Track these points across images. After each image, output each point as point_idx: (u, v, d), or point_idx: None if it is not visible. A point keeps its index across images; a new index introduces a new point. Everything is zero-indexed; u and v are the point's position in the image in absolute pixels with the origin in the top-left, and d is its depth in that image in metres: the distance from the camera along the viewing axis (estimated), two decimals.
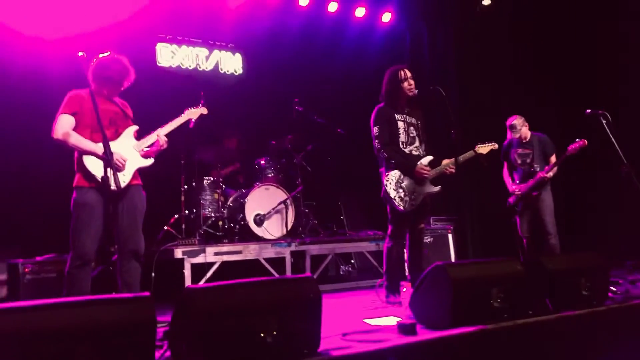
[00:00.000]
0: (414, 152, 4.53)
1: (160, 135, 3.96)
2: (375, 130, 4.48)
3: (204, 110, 4.43)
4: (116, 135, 3.82)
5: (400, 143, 4.48)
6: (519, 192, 5.69)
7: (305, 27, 7.93)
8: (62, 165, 4.13)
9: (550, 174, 5.57)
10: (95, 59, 3.85)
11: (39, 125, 5.57)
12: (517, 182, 5.79)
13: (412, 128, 4.57)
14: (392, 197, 4.36)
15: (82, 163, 3.64)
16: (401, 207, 4.35)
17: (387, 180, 4.41)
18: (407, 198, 4.37)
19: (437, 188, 4.47)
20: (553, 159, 5.68)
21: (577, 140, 5.42)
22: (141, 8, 6.59)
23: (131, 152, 3.83)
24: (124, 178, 3.70)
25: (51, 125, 3.71)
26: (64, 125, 3.65)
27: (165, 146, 3.98)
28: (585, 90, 6.99)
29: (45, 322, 2.08)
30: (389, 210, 4.49)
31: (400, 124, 4.50)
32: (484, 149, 4.62)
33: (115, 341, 2.18)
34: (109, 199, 3.42)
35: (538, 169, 5.61)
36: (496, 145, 4.70)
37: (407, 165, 4.43)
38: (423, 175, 4.40)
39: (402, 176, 4.42)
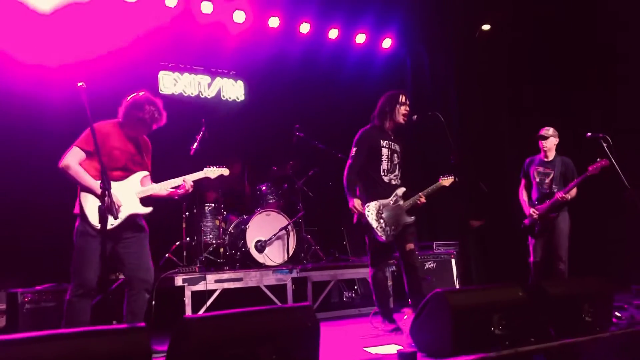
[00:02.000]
0: (392, 182, 4.52)
1: (187, 180, 4.04)
2: (353, 150, 4.51)
3: (226, 172, 4.42)
4: (124, 177, 3.85)
5: (382, 170, 4.49)
6: (537, 214, 5.55)
7: (306, 53, 8.00)
8: (63, 194, 4.15)
9: (569, 196, 5.37)
10: (129, 97, 3.91)
11: (39, 153, 5.63)
12: (535, 202, 5.63)
13: (395, 155, 4.57)
14: (374, 227, 4.35)
15: (79, 198, 3.67)
16: (383, 238, 4.35)
17: (368, 211, 4.39)
18: (387, 228, 4.37)
19: (412, 219, 4.45)
20: (573, 191, 5.45)
21: (598, 160, 5.20)
22: (143, 36, 6.67)
23: (131, 197, 3.84)
24: (113, 222, 3.63)
25: (54, 153, 3.75)
26: (72, 157, 3.67)
27: (190, 190, 4.06)
28: (586, 113, 7.00)
29: (41, 355, 2.06)
30: (368, 239, 4.50)
31: (385, 151, 4.51)
32: (446, 181, 4.60)
33: None
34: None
35: (556, 190, 5.47)
36: (456, 179, 4.60)
37: (348, 193, 4.46)
38: (354, 211, 4.42)
39: (381, 207, 4.41)
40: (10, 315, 4.79)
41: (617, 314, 4.04)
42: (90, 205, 3.63)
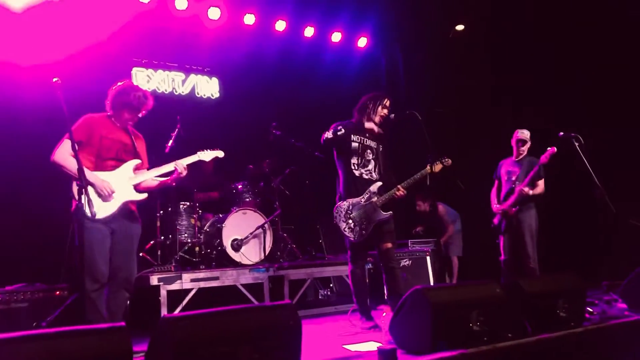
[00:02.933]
0: (364, 176, 4.53)
1: (179, 164, 4.03)
2: (327, 134, 4.51)
3: (220, 153, 4.45)
4: (117, 167, 3.85)
5: (352, 164, 4.51)
6: (499, 209, 5.73)
7: (282, 51, 7.98)
8: (37, 193, 4.06)
9: (528, 189, 5.55)
10: (113, 87, 3.93)
11: (13, 152, 5.51)
12: (502, 200, 5.82)
13: (368, 151, 4.58)
14: (342, 228, 4.41)
15: (72, 190, 3.62)
16: (351, 238, 4.39)
17: (336, 212, 4.45)
18: (357, 228, 4.39)
19: (388, 214, 4.41)
20: (541, 183, 5.67)
21: (547, 149, 5.52)
22: (116, 32, 6.56)
23: (124, 184, 3.83)
24: (107, 209, 3.70)
25: (29, 151, 3.68)
26: (64, 150, 3.66)
27: (184, 174, 4.04)
28: (562, 111, 7.11)
29: (18, 356, 2.01)
30: (345, 238, 4.53)
31: (355, 145, 4.53)
32: (436, 166, 4.49)
33: None
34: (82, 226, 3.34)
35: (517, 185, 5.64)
36: (449, 162, 4.56)
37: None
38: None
39: (351, 207, 4.42)
40: None
41: (589, 309, 4.12)
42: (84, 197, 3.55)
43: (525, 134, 5.81)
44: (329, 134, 4.50)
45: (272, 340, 2.57)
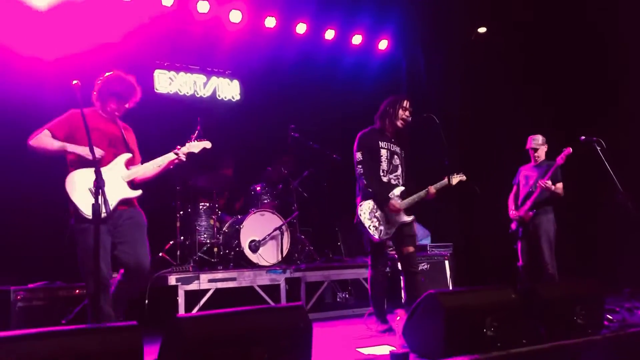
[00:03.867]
0: (392, 182, 4.54)
1: (177, 152, 3.93)
2: (358, 155, 4.49)
3: (208, 144, 4.25)
4: (108, 162, 3.73)
5: (381, 171, 4.50)
6: (516, 215, 5.68)
7: (302, 54, 8.01)
8: (58, 191, 4.13)
9: (550, 184, 5.48)
10: (101, 78, 3.87)
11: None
12: (519, 204, 5.77)
13: (395, 157, 4.59)
14: (367, 226, 4.37)
15: (64, 189, 3.55)
16: (376, 237, 4.36)
17: (361, 210, 4.43)
18: (381, 227, 4.38)
19: (410, 217, 4.46)
20: (559, 186, 5.62)
21: (563, 150, 5.49)
22: (139, 34, 6.66)
23: (118, 182, 3.73)
24: (104, 208, 3.50)
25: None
26: (42, 135, 3.63)
27: (184, 159, 3.96)
28: (583, 114, 7.01)
29: (32, 353, 2.05)
30: (366, 240, 4.51)
31: (383, 152, 4.53)
32: (454, 179, 4.60)
33: None
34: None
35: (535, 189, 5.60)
36: (464, 177, 4.67)
37: (381, 197, 4.42)
38: (393, 211, 4.40)
39: (376, 206, 4.42)
40: (2, 314, 4.77)
41: (609, 316, 4.05)
42: (77, 194, 3.53)
43: (537, 140, 5.78)
44: (359, 156, 4.47)
45: (283, 342, 2.59)
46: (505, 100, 7.87)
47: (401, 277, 6.02)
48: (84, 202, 3.50)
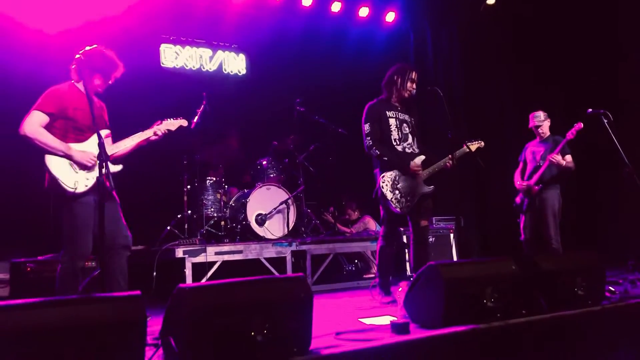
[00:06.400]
0: (407, 150, 4.52)
1: (160, 128, 3.89)
2: (366, 127, 4.47)
3: (184, 122, 4.16)
4: (89, 138, 3.71)
5: (393, 140, 4.48)
6: (523, 185, 5.67)
7: (309, 27, 7.96)
8: None
9: (560, 158, 5.49)
10: (81, 51, 3.73)
11: None
12: (526, 179, 5.76)
13: (405, 125, 4.57)
14: (389, 198, 4.36)
15: (45, 164, 3.53)
16: (397, 209, 4.36)
17: (383, 182, 4.41)
18: (403, 199, 4.38)
19: (430, 188, 4.47)
20: (568, 158, 5.61)
21: (574, 125, 5.44)
22: (145, 8, 6.64)
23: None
24: (87, 182, 3.60)
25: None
26: (34, 122, 3.53)
27: (161, 136, 3.91)
28: (589, 89, 6.95)
29: (33, 321, 2.09)
30: (383, 211, 4.52)
31: (392, 121, 4.50)
32: (472, 146, 4.64)
33: (106, 339, 2.21)
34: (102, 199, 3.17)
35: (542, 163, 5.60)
36: (482, 143, 4.71)
37: (400, 162, 4.43)
38: (416, 172, 4.41)
39: (398, 177, 4.42)
40: (14, 285, 4.88)
41: (611, 288, 4.07)
42: (58, 169, 3.52)
43: (539, 117, 5.74)
44: (367, 128, 4.45)
45: (284, 311, 2.63)
46: (513, 72, 7.80)
47: (406, 250, 6.11)
48: (64, 175, 3.52)
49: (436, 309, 3.12)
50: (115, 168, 3.77)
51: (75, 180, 3.56)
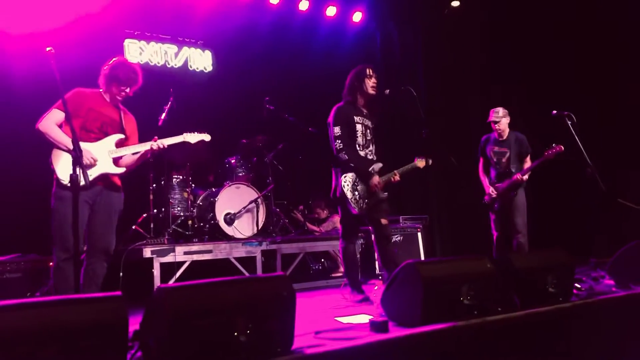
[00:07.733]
0: (368, 156, 4.56)
1: (159, 143, 4.01)
2: (336, 130, 4.47)
3: (207, 137, 4.47)
4: (99, 139, 3.86)
5: (357, 145, 4.51)
6: (496, 193, 5.74)
7: (276, 25, 7.92)
8: (29, 165, 4.05)
9: (526, 176, 5.65)
10: (108, 63, 3.96)
11: (7, 122, 5.45)
12: (494, 180, 5.83)
13: (368, 131, 4.60)
14: (349, 198, 4.38)
15: (50, 157, 3.69)
16: (356, 210, 4.39)
17: (344, 182, 4.42)
18: (361, 201, 4.42)
19: (385, 194, 4.53)
20: (528, 160, 5.72)
21: (553, 145, 5.44)
22: (108, 3, 6.47)
23: (104, 155, 3.84)
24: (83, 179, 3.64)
25: (21, 122, 3.69)
26: (51, 119, 3.70)
27: (163, 148, 4.04)
28: (555, 90, 7.12)
29: (9, 324, 2.01)
30: (341, 211, 4.58)
31: (359, 127, 4.53)
32: (420, 163, 4.71)
33: (86, 342, 2.13)
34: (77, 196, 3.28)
35: (514, 170, 5.66)
36: (430, 161, 4.77)
37: (364, 171, 4.46)
38: (376, 189, 4.44)
39: (357, 180, 4.45)
40: None
41: (577, 285, 4.18)
42: (58, 163, 3.68)
43: (498, 113, 5.78)
44: (337, 131, 4.46)
45: (267, 311, 2.60)
46: (477, 73, 7.94)
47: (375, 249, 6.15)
48: (62, 170, 3.65)
49: (414, 307, 3.14)
50: (116, 170, 3.90)
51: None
